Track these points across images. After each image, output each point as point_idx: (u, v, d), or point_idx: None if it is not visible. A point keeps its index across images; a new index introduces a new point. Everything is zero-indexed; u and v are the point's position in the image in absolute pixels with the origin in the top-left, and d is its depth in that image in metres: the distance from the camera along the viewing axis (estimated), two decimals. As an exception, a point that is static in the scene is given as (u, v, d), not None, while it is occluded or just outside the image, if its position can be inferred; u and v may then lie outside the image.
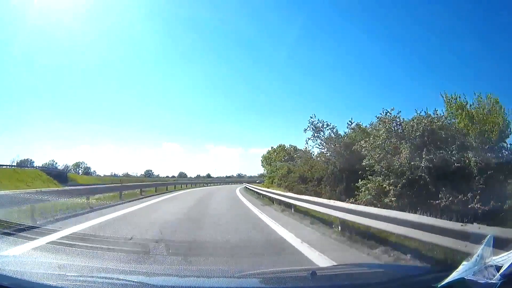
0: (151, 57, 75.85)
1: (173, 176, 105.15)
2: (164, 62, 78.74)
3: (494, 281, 1.49)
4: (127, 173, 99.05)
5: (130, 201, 14.53)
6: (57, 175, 52.02)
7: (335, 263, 4.27)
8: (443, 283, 1.58)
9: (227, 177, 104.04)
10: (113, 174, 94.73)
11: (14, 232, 5.52)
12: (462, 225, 3.78)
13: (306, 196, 10.56)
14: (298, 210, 10.34)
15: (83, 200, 11.41)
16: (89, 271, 2.34)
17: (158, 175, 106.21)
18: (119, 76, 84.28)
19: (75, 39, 59.39)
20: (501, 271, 1.51)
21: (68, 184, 41.04)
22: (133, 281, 1.95)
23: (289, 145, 45.47)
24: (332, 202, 7.66)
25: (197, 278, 2.38)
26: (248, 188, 30.32)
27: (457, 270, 1.64)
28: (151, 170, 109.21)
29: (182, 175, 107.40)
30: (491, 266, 1.58)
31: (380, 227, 5.36)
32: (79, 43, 61.55)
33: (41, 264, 2.53)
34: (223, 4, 49.58)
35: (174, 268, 3.84)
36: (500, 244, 2.27)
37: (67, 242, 5.19)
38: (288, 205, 11.46)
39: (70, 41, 62.22)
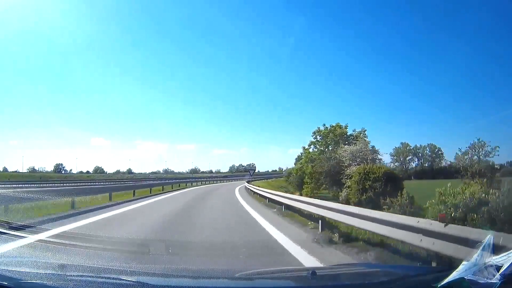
0: (79, 50, 74.97)
1: (88, 172, 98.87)
2: (93, 55, 78.60)
3: (494, 281, 1.50)
4: (33, 168, 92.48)
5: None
6: None
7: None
8: (443, 283, 1.58)
9: (151, 173, 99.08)
10: (31, 169, 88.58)
11: None
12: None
13: None
14: None
15: None
16: (89, 271, 2.33)
17: (71, 170, 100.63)
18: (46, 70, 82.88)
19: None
20: (501, 270, 1.52)
21: None
22: (133, 281, 1.94)
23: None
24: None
25: (197, 278, 2.37)
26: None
27: (457, 270, 1.64)
28: (61, 164, 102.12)
29: (99, 171, 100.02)
30: (491, 266, 1.58)
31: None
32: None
33: (40, 264, 2.52)
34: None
35: (174, 268, 3.82)
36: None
37: None
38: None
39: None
